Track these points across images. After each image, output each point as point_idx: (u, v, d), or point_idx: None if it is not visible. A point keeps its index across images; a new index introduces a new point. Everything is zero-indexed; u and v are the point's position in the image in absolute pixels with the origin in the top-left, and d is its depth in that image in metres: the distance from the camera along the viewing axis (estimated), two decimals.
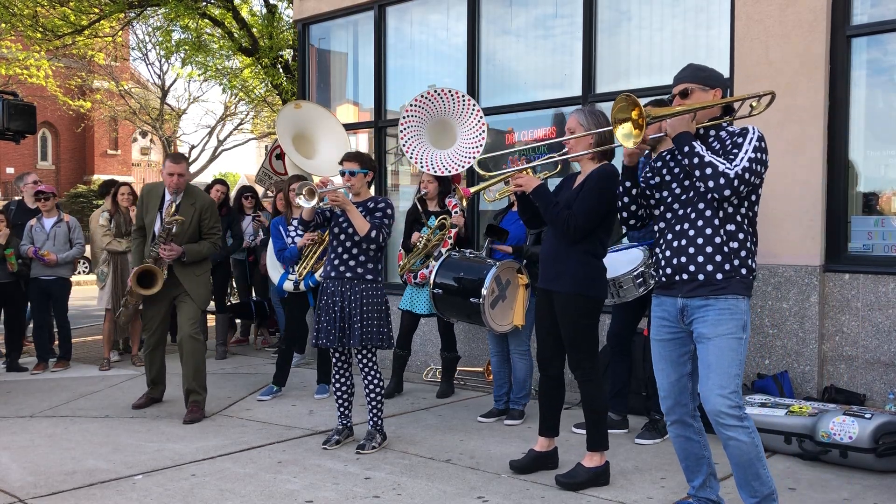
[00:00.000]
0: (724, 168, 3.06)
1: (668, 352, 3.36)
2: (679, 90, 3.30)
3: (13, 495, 3.97)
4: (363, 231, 4.54)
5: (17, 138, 7.98)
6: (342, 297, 4.63)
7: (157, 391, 5.91)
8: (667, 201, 3.33)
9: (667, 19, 6.10)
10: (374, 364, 4.71)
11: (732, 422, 3.13)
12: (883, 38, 5.13)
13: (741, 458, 3.18)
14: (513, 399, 5.45)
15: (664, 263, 3.29)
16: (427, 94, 6.31)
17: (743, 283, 3.18)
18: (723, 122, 3.29)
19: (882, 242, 5.16)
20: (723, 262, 3.16)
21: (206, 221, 5.60)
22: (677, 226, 3.26)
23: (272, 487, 4.07)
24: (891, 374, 4.98)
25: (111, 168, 34.28)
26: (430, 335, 7.07)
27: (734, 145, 3.16)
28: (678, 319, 3.28)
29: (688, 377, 3.37)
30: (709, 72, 3.32)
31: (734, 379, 3.14)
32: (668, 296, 3.30)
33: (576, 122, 4.04)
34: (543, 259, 4.17)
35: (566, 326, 4.06)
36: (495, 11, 7.07)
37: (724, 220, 3.18)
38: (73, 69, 25.03)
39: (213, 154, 28.14)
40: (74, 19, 13.94)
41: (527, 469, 4.24)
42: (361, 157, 4.81)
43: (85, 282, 18.31)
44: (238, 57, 15.44)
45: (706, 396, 3.17)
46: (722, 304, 3.16)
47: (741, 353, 3.17)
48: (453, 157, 6.19)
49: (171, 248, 5.41)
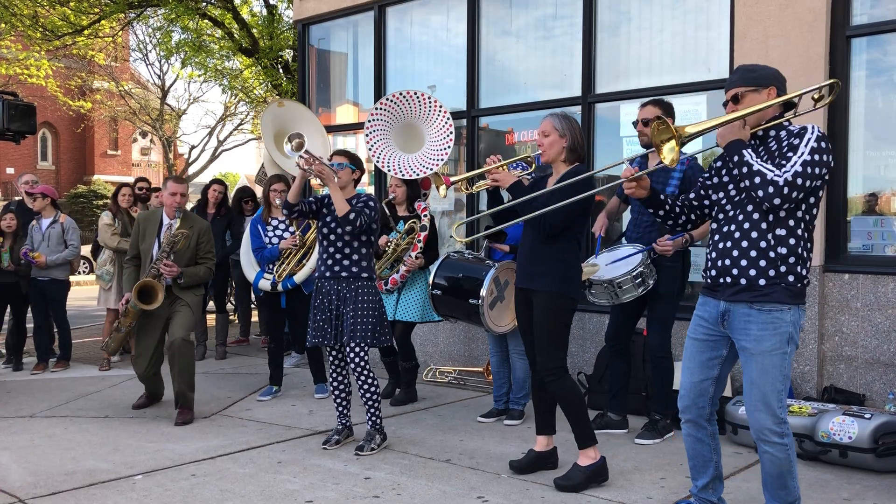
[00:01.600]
0: (773, 176, 2.97)
1: (699, 352, 3.31)
2: (730, 95, 3.20)
3: (13, 495, 3.98)
4: (342, 211, 4.52)
5: (17, 138, 7.99)
6: (337, 295, 4.64)
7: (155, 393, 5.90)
8: (721, 202, 3.27)
9: (666, 20, 6.11)
10: (365, 363, 4.69)
11: (774, 438, 3.11)
12: (883, 38, 5.13)
13: (773, 469, 3.16)
14: (512, 399, 5.45)
15: (710, 265, 3.24)
16: (393, 97, 6.24)
17: (789, 290, 3.07)
18: (784, 120, 3.17)
19: (882, 242, 5.16)
20: (767, 267, 3.07)
21: (202, 245, 5.69)
22: (725, 227, 3.20)
23: (272, 487, 4.07)
24: (890, 374, 4.98)
25: (111, 168, 34.28)
26: (430, 335, 7.08)
27: (790, 147, 3.06)
28: (718, 322, 3.22)
29: (711, 381, 3.32)
30: (760, 71, 3.20)
31: (779, 394, 3.10)
32: (712, 297, 3.25)
33: (550, 125, 4.12)
34: (520, 259, 4.22)
35: (541, 325, 4.08)
36: (495, 12, 7.08)
37: (773, 224, 3.08)
38: (73, 69, 25.03)
39: (213, 154, 28.13)
40: (74, 19, 13.95)
41: (526, 469, 4.25)
42: (351, 155, 4.87)
43: (85, 282, 18.32)
44: (238, 57, 15.45)
45: (750, 412, 3.15)
46: (765, 318, 3.08)
47: (786, 367, 3.11)
48: (421, 161, 6.12)
49: (171, 265, 5.45)
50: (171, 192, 5.63)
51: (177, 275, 5.50)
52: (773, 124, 3.17)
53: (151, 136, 31.14)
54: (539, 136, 4.16)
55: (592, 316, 6.12)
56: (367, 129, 6.22)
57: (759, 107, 3.12)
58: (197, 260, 5.68)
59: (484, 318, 5.08)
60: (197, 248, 5.66)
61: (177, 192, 5.63)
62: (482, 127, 7.20)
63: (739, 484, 4.07)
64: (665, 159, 3.09)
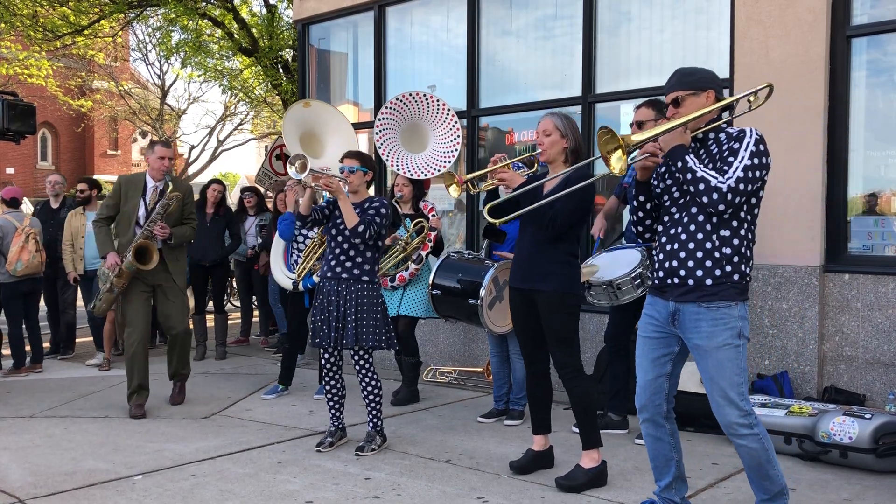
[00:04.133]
0: (717, 182, 3.02)
1: (651, 350, 3.36)
2: (670, 99, 3.26)
3: (13, 495, 3.97)
4: (351, 224, 4.54)
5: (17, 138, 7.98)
6: (338, 296, 4.63)
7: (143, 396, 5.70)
8: (666, 205, 3.31)
9: (667, 20, 6.10)
10: (370, 366, 4.69)
11: (743, 430, 3.14)
12: (883, 38, 5.13)
13: (752, 462, 3.20)
14: (512, 399, 5.45)
15: (657, 266, 3.29)
16: (402, 97, 6.31)
17: (735, 288, 3.14)
18: (722, 123, 3.24)
19: (882, 243, 5.16)
20: (714, 267, 3.13)
21: (186, 207, 5.91)
22: (672, 229, 3.25)
23: (272, 488, 4.07)
24: (891, 374, 4.98)
25: (111, 168, 34.23)
26: (430, 335, 7.08)
27: (730, 151, 3.11)
28: (668, 322, 3.27)
29: (665, 378, 3.36)
30: (698, 74, 3.27)
31: (738, 387, 3.13)
32: (661, 297, 3.30)
33: (552, 124, 4.11)
34: (520, 259, 4.18)
35: (552, 326, 4.08)
36: (496, 12, 7.07)
37: (717, 226, 3.14)
38: (73, 69, 25.02)
39: (213, 154, 28.11)
40: (74, 19, 13.95)
41: (527, 469, 4.25)
42: (363, 156, 4.81)
43: None
44: (238, 57, 15.44)
45: (714, 409, 3.18)
46: (714, 314, 3.13)
47: (741, 359, 3.15)
48: (427, 161, 6.18)
49: (165, 227, 5.62)
50: (160, 156, 5.76)
51: (167, 236, 5.67)
52: (712, 127, 3.23)
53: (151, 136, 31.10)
54: (539, 134, 4.14)
55: (592, 316, 6.12)
56: (377, 127, 6.30)
57: (702, 112, 3.18)
58: (182, 220, 5.87)
59: (483, 319, 5.08)
60: (182, 210, 5.85)
61: (165, 156, 5.77)
62: (482, 127, 7.20)
63: (740, 484, 4.07)
64: (614, 169, 3.11)
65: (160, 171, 5.72)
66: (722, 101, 3.24)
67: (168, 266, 5.76)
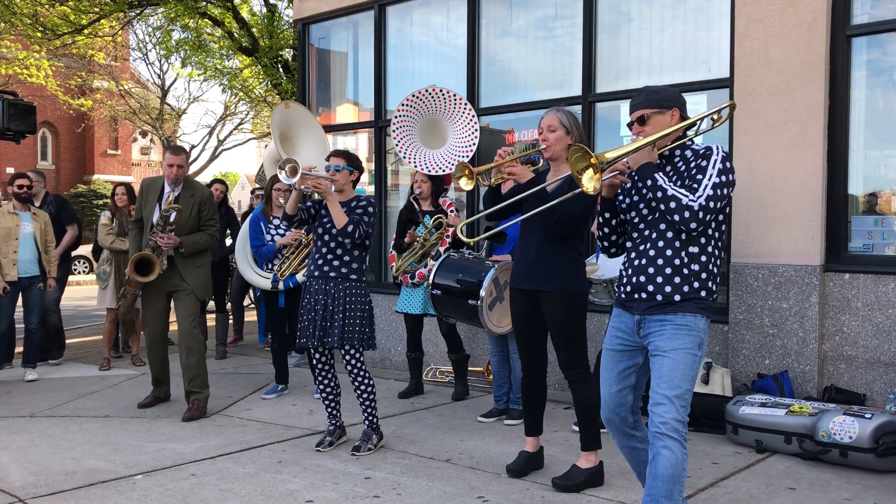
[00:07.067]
0: (688, 201, 3.03)
1: (615, 363, 3.33)
2: (636, 117, 3.26)
3: (13, 495, 3.97)
4: (340, 224, 4.53)
5: (17, 138, 7.98)
6: (325, 295, 4.61)
7: (161, 391, 5.92)
8: (633, 221, 3.30)
9: (667, 20, 6.10)
10: (360, 364, 4.68)
11: (675, 435, 3.04)
12: (883, 38, 5.13)
13: (667, 470, 3.04)
14: (513, 399, 5.46)
15: (625, 281, 3.27)
16: (419, 94, 6.31)
17: (700, 304, 3.14)
18: (687, 141, 3.25)
19: (882, 242, 5.16)
20: (682, 283, 3.12)
21: (204, 213, 5.69)
22: (641, 245, 3.24)
23: (272, 487, 4.07)
24: (891, 373, 4.98)
25: (111, 168, 34.25)
26: (431, 334, 7.07)
27: (698, 169, 3.12)
28: (633, 332, 3.26)
29: (629, 390, 3.33)
30: (663, 93, 3.28)
31: (685, 393, 3.08)
32: (627, 311, 3.28)
33: (557, 120, 4.07)
34: (524, 260, 4.12)
35: (559, 326, 4.05)
36: (496, 13, 7.08)
37: (686, 242, 3.14)
38: (73, 69, 25.02)
39: (213, 154, 28.12)
40: (74, 19, 13.94)
41: (524, 472, 4.24)
42: (349, 155, 4.82)
43: (84, 282, 18.33)
44: (238, 57, 15.44)
45: (656, 406, 3.09)
46: (679, 320, 3.12)
47: (694, 369, 3.12)
48: (445, 157, 6.19)
49: (168, 238, 5.48)
50: (169, 164, 5.60)
51: (176, 245, 5.52)
52: (678, 144, 3.24)
53: (151, 136, 31.13)
54: (544, 130, 4.08)
55: (592, 316, 6.10)
56: (394, 124, 6.31)
57: (670, 130, 3.19)
58: (200, 227, 5.68)
59: (483, 320, 5.08)
60: (199, 216, 5.66)
61: (174, 164, 5.58)
62: (482, 126, 7.20)
63: (740, 484, 4.07)
64: (587, 189, 3.04)
65: (169, 178, 5.60)
66: (687, 121, 3.25)
67: (182, 273, 5.61)
